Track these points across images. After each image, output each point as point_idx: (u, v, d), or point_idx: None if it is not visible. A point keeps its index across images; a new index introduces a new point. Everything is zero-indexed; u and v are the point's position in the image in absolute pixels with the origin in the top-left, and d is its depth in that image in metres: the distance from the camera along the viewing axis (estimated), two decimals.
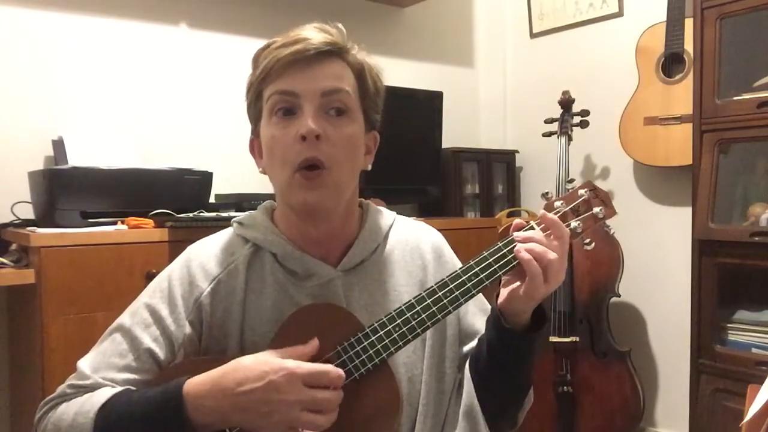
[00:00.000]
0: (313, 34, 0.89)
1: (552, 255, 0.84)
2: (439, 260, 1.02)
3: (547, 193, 0.97)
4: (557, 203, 0.92)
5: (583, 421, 2.30)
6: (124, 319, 0.92)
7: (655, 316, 2.55)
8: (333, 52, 0.90)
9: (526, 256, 0.84)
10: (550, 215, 0.88)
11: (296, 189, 0.88)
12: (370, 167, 0.99)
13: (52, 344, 1.52)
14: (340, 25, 0.93)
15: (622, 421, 2.28)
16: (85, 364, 0.89)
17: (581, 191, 0.92)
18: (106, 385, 0.86)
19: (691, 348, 2.02)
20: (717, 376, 1.94)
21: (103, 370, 0.87)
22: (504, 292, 0.89)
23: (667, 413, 2.50)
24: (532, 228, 0.88)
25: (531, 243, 0.85)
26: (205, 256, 0.94)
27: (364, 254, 0.97)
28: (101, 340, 0.92)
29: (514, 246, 0.86)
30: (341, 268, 0.94)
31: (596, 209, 0.91)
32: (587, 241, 0.92)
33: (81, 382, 0.87)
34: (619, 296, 2.35)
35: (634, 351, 2.35)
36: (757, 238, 1.85)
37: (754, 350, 1.92)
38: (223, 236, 0.98)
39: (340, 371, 0.81)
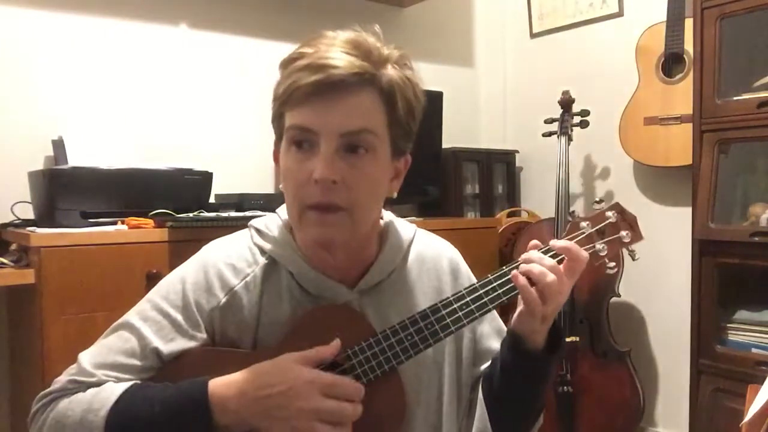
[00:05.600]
0: (341, 56, 0.81)
1: (550, 277, 0.83)
2: (456, 282, 1.00)
3: (573, 211, 0.97)
4: (583, 224, 0.91)
5: (583, 421, 2.30)
6: (132, 317, 0.89)
7: (655, 316, 2.54)
8: (361, 81, 0.82)
9: (520, 279, 0.84)
10: (561, 243, 0.87)
11: (307, 226, 0.84)
12: (395, 194, 0.92)
13: (52, 344, 1.52)
14: (377, 28, 0.87)
15: (622, 421, 2.28)
16: (86, 358, 0.87)
17: (608, 213, 0.91)
18: (108, 381, 0.84)
19: (691, 348, 2.02)
20: (717, 376, 1.94)
21: (106, 367, 0.85)
22: (515, 313, 0.89)
23: (667, 413, 2.50)
24: (549, 249, 0.88)
25: (531, 264, 0.85)
26: (222, 264, 0.91)
27: (382, 276, 0.94)
28: (105, 335, 0.90)
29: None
30: (358, 290, 0.92)
31: (623, 233, 0.90)
32: (611, 265, 0.91)
33: (84, 379, 0.85)
34: (619, 296, 2.35)
35: (634, 351, 2.35)
36: (757, 238, 1.85)
37: (754, 350, 1.92)
38: (240, 242, 0.95)
39: (359, 385, 0.81)
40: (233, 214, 1.85)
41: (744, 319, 1.97)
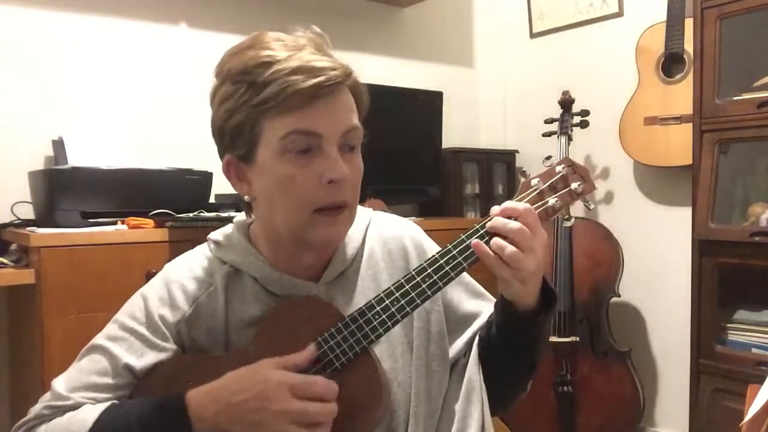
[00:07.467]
0: (323, 58, 0.83)
1: (513, 225, 0.81)
2: (420, 258, 0.99)
3: (524, 171, 0.95)
4: (534, 180, 0.89)
5: (583, 421, 2.30)
6: (101, 339, 0.89)
7: (655, 316, 2.55)
8: (347, 81, 0.85)
9: (480, 248, 0.82)
10: (498, 208, 0.85)
11: (317, 228, 0.85)
12: None
13: (52, 344, 1.52)
14: (317, 29, 0.88)
15: (622, 421, 2.28)
16: (60, 383, 0.86)
17: (558, 167, 0.89)
18: (85, 404, 0.84)
19: (691, 348, 2.02)
20: (717, 376, 1.94)
21: (81, 389, 0.85)
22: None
23: (667, 413, 2.50)
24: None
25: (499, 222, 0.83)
26: (184, 278, 0.92)
27: (345, 264, 0.95)
28: (77, 359, 0.90)
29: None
30: (323, 282, 0.93)
31: (574, 185, 0.88)
32: (566, 217, 0.90)
33: (59, 403, 0.84)
34: (619, 296, 2.35)
35: (634, 351, 2.35)
36: (757, 238, 1.85)
37: (754, 350, 1.92)
38: (199, 255, 0.96)
39: (332, 383, 0.80)
40: (233, 214, 1.85)
41: (744, 319, 1.97)
